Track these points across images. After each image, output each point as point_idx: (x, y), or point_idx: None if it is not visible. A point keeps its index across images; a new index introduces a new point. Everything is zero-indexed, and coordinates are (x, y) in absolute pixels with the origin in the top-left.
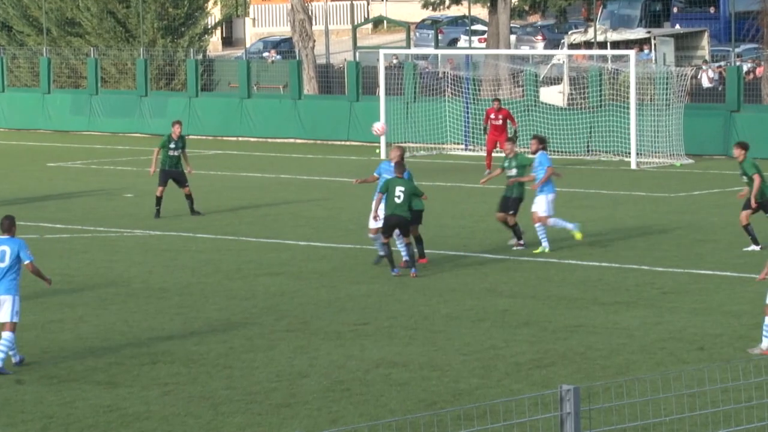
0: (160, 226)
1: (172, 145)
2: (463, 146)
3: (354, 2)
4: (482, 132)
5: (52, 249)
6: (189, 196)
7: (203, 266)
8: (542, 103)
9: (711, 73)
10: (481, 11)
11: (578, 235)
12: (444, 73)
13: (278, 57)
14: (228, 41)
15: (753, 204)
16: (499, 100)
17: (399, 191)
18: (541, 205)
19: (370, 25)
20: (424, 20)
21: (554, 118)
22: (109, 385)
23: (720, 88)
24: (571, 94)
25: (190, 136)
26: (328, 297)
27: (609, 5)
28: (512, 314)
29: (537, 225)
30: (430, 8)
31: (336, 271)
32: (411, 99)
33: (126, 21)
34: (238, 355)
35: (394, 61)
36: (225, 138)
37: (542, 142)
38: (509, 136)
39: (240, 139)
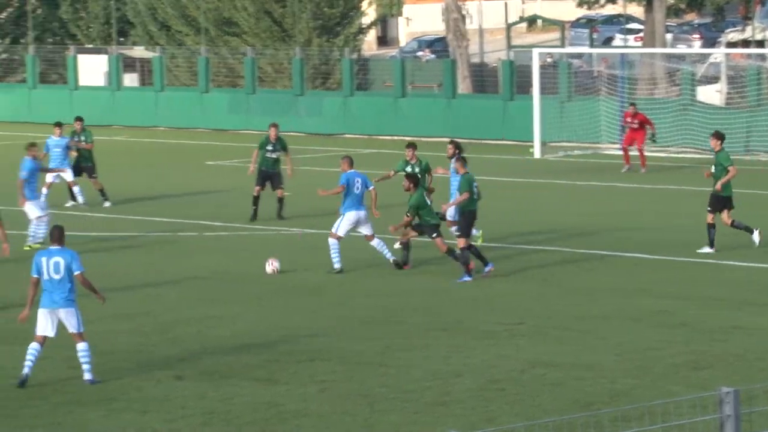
0: (316, 224)
1: (269, 147)
2: (618, 145)
3: (508, 1)
4: (620, 132)
5: (211, 246)
6: (281, 200)
7: (358, 264)
8: (699, 102)
9: None
10: (636, 9)
11: (480, 239)
12: (599, 72)
13: (432, 56)
14: (383, 40)
15: (718, 187)
16: (634, 105)
17: (475, 185)
18: (450, 211)
19: (524, 24)
20: (578, 19)
21: (711, 117)
22: (267, 382)
23: None
24: (729, 93)
25: (346, 135)
26: (480, 295)
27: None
28: (666, 315)
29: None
30: (585, 7)
31: None
32: (565, 98)
33: (282, 21)
34: (393, 353)
35: (549, 60)
36: (380, 137)
37: (458, 148)
38: (646, 132)
39: (395, 138)
